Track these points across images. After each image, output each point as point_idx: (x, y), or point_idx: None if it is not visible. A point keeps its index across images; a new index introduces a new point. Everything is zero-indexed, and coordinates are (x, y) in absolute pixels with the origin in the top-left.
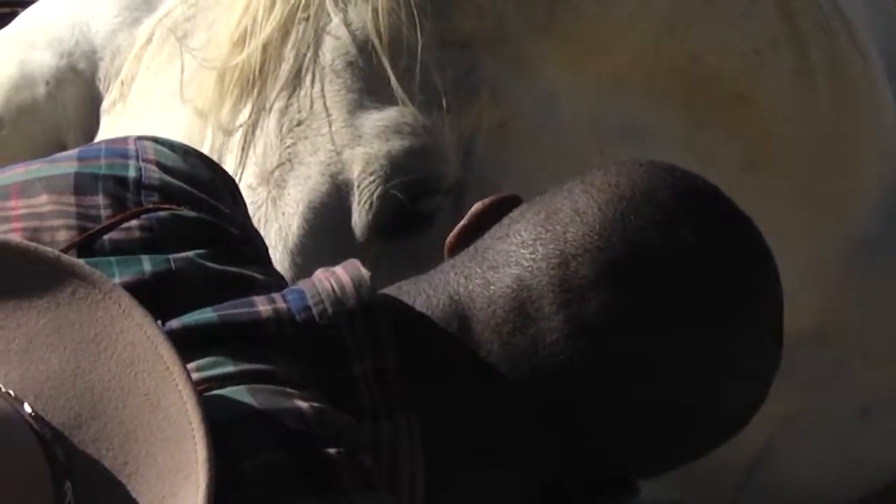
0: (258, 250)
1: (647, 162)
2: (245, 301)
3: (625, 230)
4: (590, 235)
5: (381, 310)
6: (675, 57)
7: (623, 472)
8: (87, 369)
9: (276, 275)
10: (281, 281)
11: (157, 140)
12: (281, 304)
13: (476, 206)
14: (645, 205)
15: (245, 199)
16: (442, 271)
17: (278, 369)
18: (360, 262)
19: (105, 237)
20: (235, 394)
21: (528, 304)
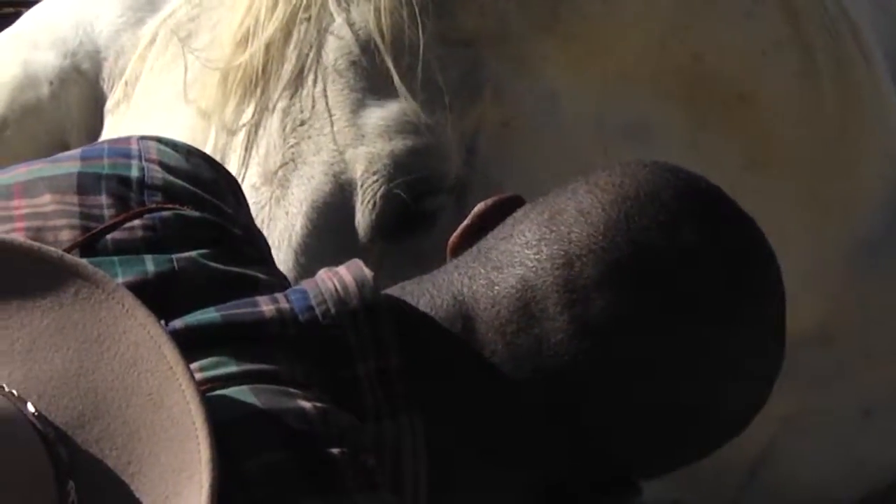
0: (261, 250)
1: (651, 162)
2: (248, 301)
3: (629, 231)
4: (594, 236)
5: (385, 310)
6: (679, 56)
7: (626, 472)
8: (91, 369)
9: (278, 275)
10: (284, 281)
11: (160, 140)
12: (284, 304)
13: (479, 207)
14: (649, 205)
15: (248, 199)
16: (445, 272)
17: (281, 369)
18: (363, 263)
19: (108, 237)
20: (238, 394)
21: (532, 305)
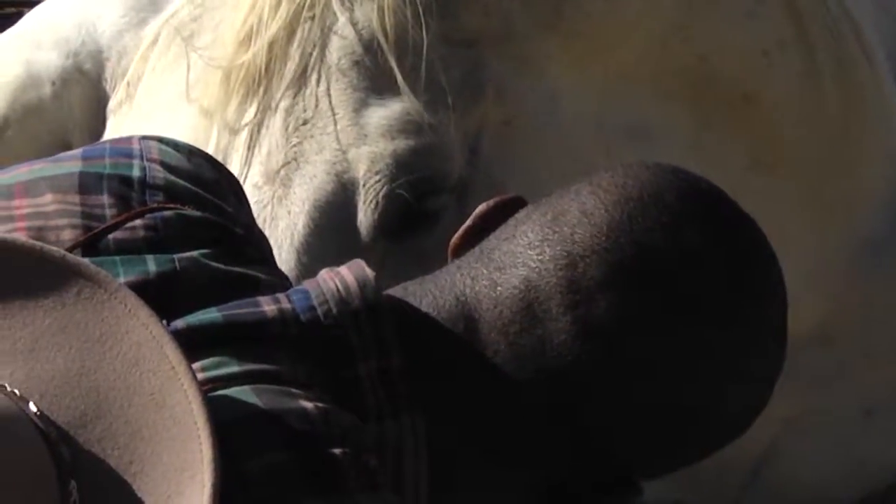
0: (262, 250)
1: (654, 164)
2: (250, 301)
3: (632, 231)
4: (597, 237)
5: (386, 310)
6: (682, 56)
7: (628, 473)
8: (93, 368)
9: (280, 275)
10: (285, 281)
11: (161, 140)
12: (286, 305)
13: (480, 208)
14: (652, 206)
15: (250, 198)
16: (448, 272)
17: (283, 369)
18: (364, 263)
19: (110, 236)
20: (240, 394)
21: (535, 306)
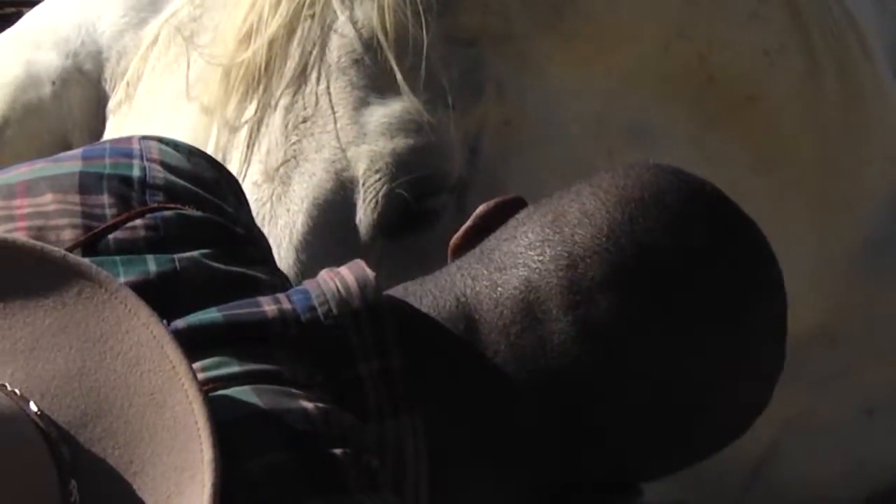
0: (263, 250)
1: (654, 165)
2: (250, 301)
3: (633, 232)
4: (598, 237)
5: (387, 310)
6: (684, 57)
7: (628, 474)
8: (93, 368)
9: (280, 275)
10: (285, 281)
11: (161, 140)
12: (286, 305)
13: (481, 208)
14: (653, 207)
15: (250, 196)
16: (448, 273)
17: (283, 369)
18: (364, 263)
19: (110, 236)
20: (241, 394)
21: (535, 306)
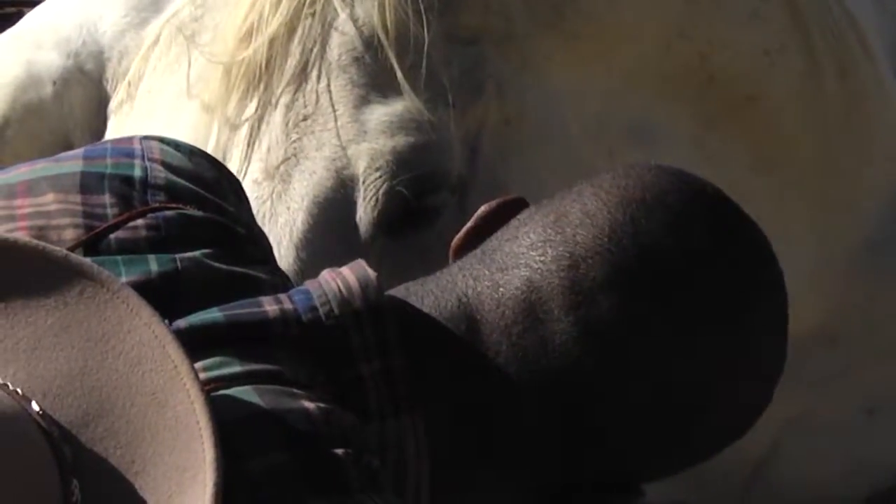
0: (264, 250)
1: (656, 166)
2: (251, 301)
3: (635, 233)
4: (600, 238)
5: (388, 310)
6: (685, 57)
7: (629, 474)
8: (95, 368)
9: (281, 275)
10: (286, 281)
11: (162, 140)
12: (287, 305)
13: (482, 209)
14: (655, 208)
15: (250, 194)
16: (449, 273)
17: (284, 369)
18: (366, 263)
19: (111, 236)
20: (242, 394)
21: (537, 306)
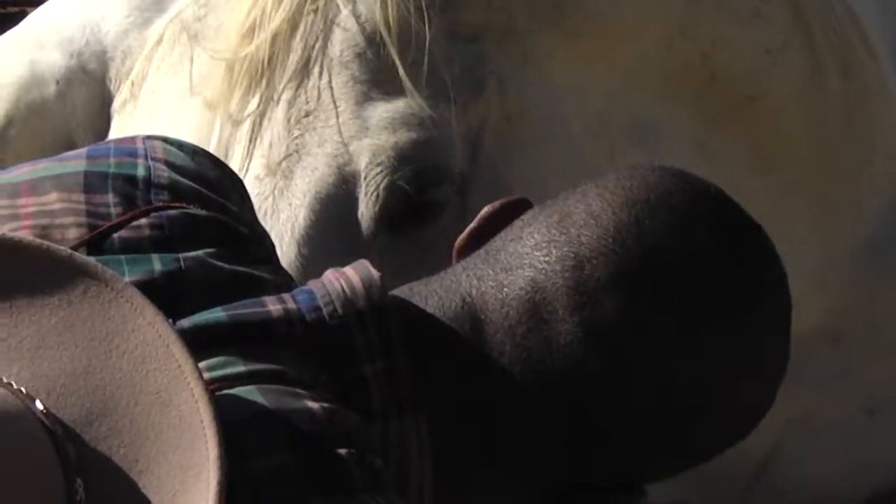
0: (267, 250)
1: (660, 167)
2: (255, 301)
3: (639, 233)
4: (604, 238)
5: (392, 311)
6: (687, 55)
7: (632, 474)
8: (99, 367)
9: (284, 275)
10: (290, 280)
11: (165, 139)
12: (291, 304)
13: (485, 210)
14: (659, 208)
15: (252, 190)
16: (453, 273)
17: (288, 369)
18: (369, 263)
19: (115, 235)
20: (246, 393)
21: (541, 307)
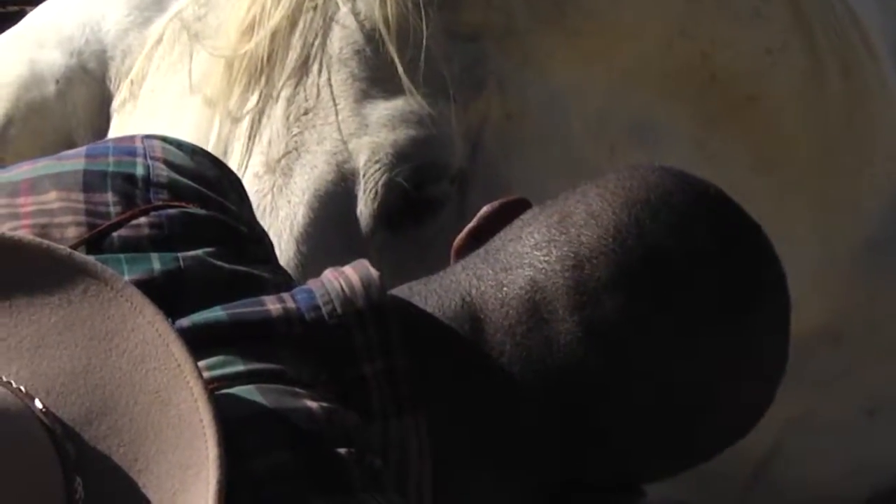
0: (266, 249)
1: (660, 167)
2: (254, 300)
3: (640, 233)
4: (604, 238)
5: (391, 310)
6: (687, 55)
7: (631, 474)
8: (98, 366)
9: (284, 274)
10: (289, 280)
11: (164, 139)
12: (290, 304)
13: (484, 209)
14: (659, 209)
15: (251, 188)
16: (453, 272)
17: (287, 369)
18: (368, 263)
19: (114, 234)
20: (245, 393)
21: (541, 306)
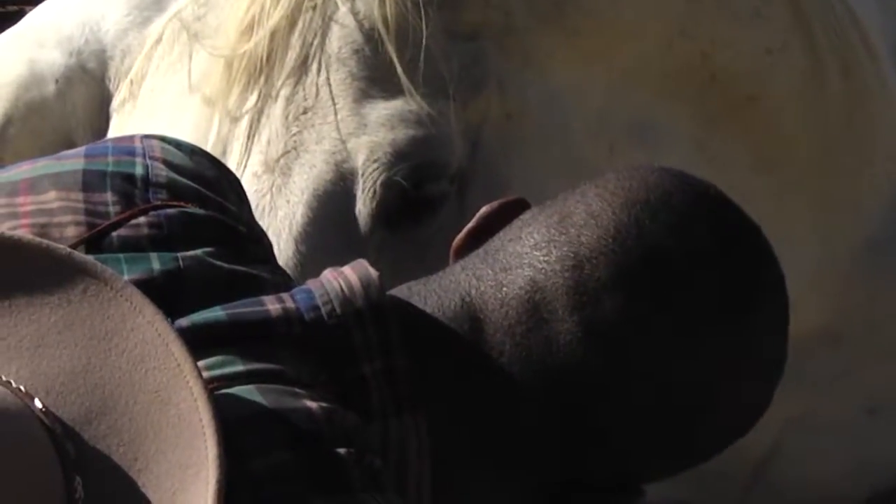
0: (265, 249)
1: (659, 167)
2: (254, 300)
3: (640, 234)
4: (604, 238)
5: (390, 310)
6: (687, 55)
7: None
8: (98, 366)
9: (283, 274)
10: (288, 280)
11: (163, 138)
12: (290, 304)
13: (483, 209)
14: (659, 209)
15: (249, 187)
16: (452, 272)
17: (287, 369)
18: (367, 263)
19: (114, 234)
20: (244, 393)
21: (541, 306)
